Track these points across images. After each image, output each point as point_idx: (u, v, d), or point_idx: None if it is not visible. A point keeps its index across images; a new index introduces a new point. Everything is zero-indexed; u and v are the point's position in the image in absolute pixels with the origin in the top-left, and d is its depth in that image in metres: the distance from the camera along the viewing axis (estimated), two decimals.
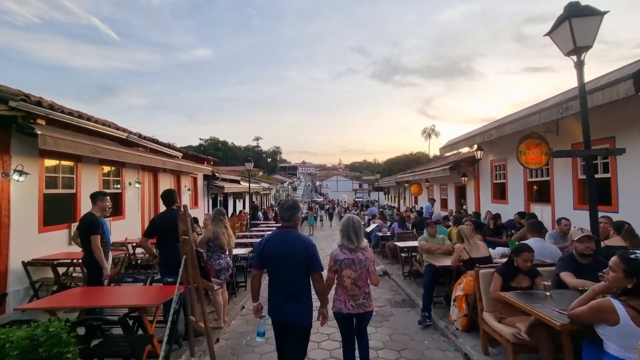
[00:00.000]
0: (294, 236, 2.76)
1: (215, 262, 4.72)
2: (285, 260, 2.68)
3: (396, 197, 28.75)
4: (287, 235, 2.77)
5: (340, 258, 2.97)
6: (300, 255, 2.68)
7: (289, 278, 2.69)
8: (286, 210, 2.82)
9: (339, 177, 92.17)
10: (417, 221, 8.98)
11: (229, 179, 17.67)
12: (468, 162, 11.81)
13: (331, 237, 17.22)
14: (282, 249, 2.70)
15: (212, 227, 4.78)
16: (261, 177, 41.75)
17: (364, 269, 2.96)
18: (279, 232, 2.83)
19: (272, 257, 2.73)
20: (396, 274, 7.90)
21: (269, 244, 2.78)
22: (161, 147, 9.84)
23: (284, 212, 2.83)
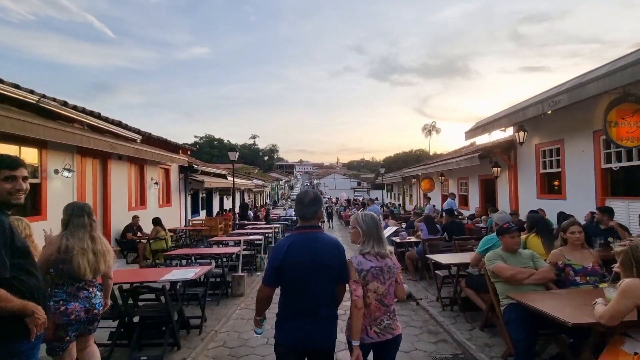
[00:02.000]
0: (325, 240, 2.12)
1: (61, 306, 2.40)
2: (316, 272, 2.03)
3: (400, 194, 26.44)
4: (315, 239, 2.09)
5: (366, 267, 2.15)
6: (334, 264, 2.09)
7: (319, 293, 2.06)
8: (308, 205, 2.12)
9: (336, 175, 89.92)
10: (450, 223, 6.63)
11: (212, 173, 15.27)
12: (503, 148, 9.50)
13: None
14: (312, 258, 2.02)
15: (59, 239, 2.44)
16: (256, 174, 39.58)
17: (392, 278, 2.22)
18: (303, 235, 2.10)
19: (297, 269, 2.02)
20: (425, 296, 5.58)
21: (292, 252, 2.03)
22: (108, 124, 7.42)
23: (305, 208, 2.12)
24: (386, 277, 2.18)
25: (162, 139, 10.25)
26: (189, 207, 13.63)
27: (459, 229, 6.52)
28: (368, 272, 2.14)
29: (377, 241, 2.20)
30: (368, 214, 2.32)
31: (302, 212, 2.13)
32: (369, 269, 2.15)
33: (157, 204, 10.80)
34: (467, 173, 12.70)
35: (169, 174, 11.84)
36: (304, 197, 2.16)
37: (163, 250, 8.43)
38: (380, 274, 2.16)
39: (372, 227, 2.22)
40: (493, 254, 3.37)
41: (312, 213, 2.13)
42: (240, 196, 25.91)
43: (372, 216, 2.29)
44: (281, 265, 2.02)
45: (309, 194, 2.19)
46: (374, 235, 2.21)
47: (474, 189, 12.24)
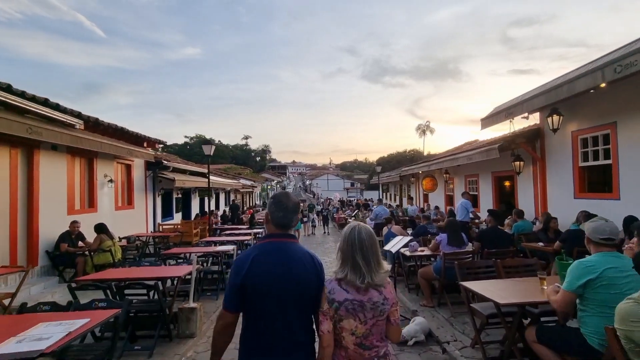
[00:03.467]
0: (300, 252, 1.68)
1: None
2: (289, 294, 1.58)
3: (397, 194, 24.88)
4: (289, 251, 1.66)
5: (339, 299, 1.61)
6: (312, 284, 1.64)
7: (293, 321, 1.60)
8: (293, 211, 1.71)
9: (329, 176, 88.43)
10: (491, 231, 4.96)
11: (188, 171, 13.46)
12: (527, 138, 7.92)
13: (322, 248, 13.16)
14: (284, 273, 1.58)
15: None
16: (247, 175, 37.72)
17: (379, 318, 1.63)
18: (274, 245, 1.67)
19: (264, 288, 1.57)
20: (452, 335, 3.92)
21: (259, 266, 1.59)
22: (27, 102, 5.60)
23: (290, 214, 1.69)
24: (368, 316, 1.60)
25: (117, 127, 8.45)
26: (158, 210, 11.82)
27: (501, 240, 4.87)
28: (341, 306, 1.59)
29: (352, 266, 1.62)
30: (354, 228, 1.71)
31: (286, 220, 1.67)
32: (342, 302, 1.59)
33: (114, 206, 8.99)
34: (477, 170, 11.14)
35: (131, 170, 10.03)
36: (287, 202, 1.69)
37: (109, 264, 6.68)
38: (359, 310, 1.59)
39: (349, 245, 1.66)
40: (634, 306, 1.71)
41: (291, 220, 1.70)
42: (225, 197, 24.10)
43: (353, 230, 1.69)
44: (244, 283, 1.56)
45: (292, 197, 1.74)
46: (350, 257, 1.64)
47: (486, 188, 10.67)
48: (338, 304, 1.59)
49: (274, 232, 1.70)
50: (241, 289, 1.57)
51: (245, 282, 1.56)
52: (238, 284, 1.57)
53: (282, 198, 1.72)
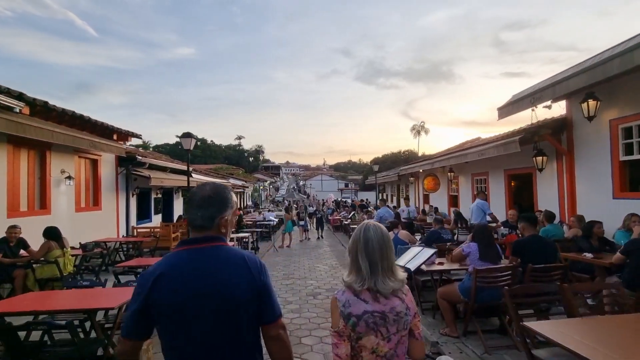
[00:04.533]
0: (226, 256, 1.31)
1: None
2: (206, 310, 1.22)
3: (394, 195, 23.85)
4: (210, 256, 1.29)
5: (357, 312, 1.41)
6: (242, 293, 1.25)
7: (224, 345, 1.25)
8: (199, 205, 1.35)
9: (323, 177, 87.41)
10: (529, 242, 3.85)
11: (168, 168, 12.22)
12: (553, 129, 6.89)
13: (315, 253, 12.01)
14: (203, 287, 1.23)
15: None
16: (240, 175, 36.42)
17: (402, 332, 1.45)
18: (189, 253, 1.30)
19: (178, 310, 1.22)
20: None
21: (167, 284, 1.23)
22: None
23: (194, 210, 1.35)
24: (392, 330, 1.42)
25: (76, 114, 7.20)
26: (133, 211, 10.57)
27: (546, 253, 3.77)
28: (360, 320, 1.40)
29: (371, 270, 1.44)
30: (367, 227, 1.52)
31: (191, 216, 1.34)
32: (361, 315, 1.40)
33: (73, 207, 7.75)
34: (486, 167, 10.11)
35: (98, 166, 8.79)
36: (195, 194, 1.38)
37: (56, 279, 5.48)
38: (382, 324, 1.40)
39: (364, 246, 1.47)
40: None
41: (206, 218, 1.32)
42: None
43: (366, 229, 1.51)
44: (147, 305, 1.22)
45: (205, 188, 1.39)
46: (367, 259, 1.45)
47: (498, 188, 9.63)
48: (356, 318, 1.40)
49: (192, 234, 1.35)
50: (144, 313, 1.22)
51: (148, 303, 1.22)
52: (138, 308, 1.23)
53: (193, 191, 1.40)
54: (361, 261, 1.46)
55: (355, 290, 1.45)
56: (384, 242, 1.49)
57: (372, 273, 1.44)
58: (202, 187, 1.40)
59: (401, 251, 5.37)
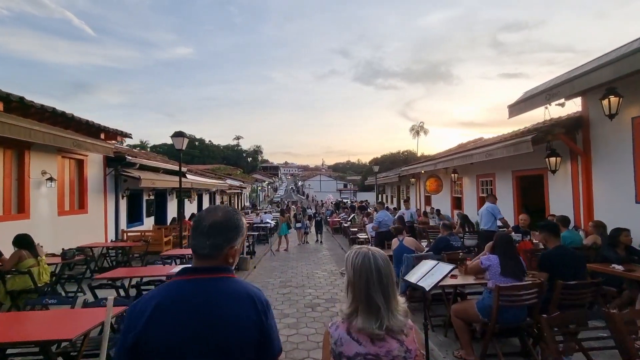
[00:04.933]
0: (231, 294, 1.16)
1: None
2: (207, 351, 1.08)
3: (394, 196, 23.42)
4: (212, 293, 1.14)
5: (349, 353, 1.31)
6: (244, 336, 1.12)
7: None
8: (208, 233, 1.19)
9: (322, 177, 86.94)
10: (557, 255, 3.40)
11: (161, 169, 11.73)
12: (567, 128, 6.46)
13: (315, 256, 11.54)
14: (199, 327, 1.09)
15: None
16: (237, 175, 35.92)
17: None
18: (188, 285, 1.16)
19: (171, 349, 1.07)
20: None
21: (162, 320, 1.09)
22: None
23: (200, 237, 1.19)
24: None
25: (57, 111, 6.70)
26: (123, 214, 10.08)
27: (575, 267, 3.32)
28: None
29: (366, 304, 1.31)
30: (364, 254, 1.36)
31: (197, 244, 1.18)
32: (352, 357, 1.27)
33: (56, 211, 7.26)
34: (493, 168, 9.69)
35: (84, 167, 8.30)
36: (202, 219, 1.21)
37: (31, 290, 5.01)
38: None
39: (359, 277, 1.33)
40: None
41: (214, 247, 1.17)
42: (210, 199, 22.33)
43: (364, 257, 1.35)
44: (137, 343, 1.07)
45: (216, 213, 1.23)
46: (363, 292, 1.31)
47: (505, 190, 9.19)
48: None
49: (194, 263, 1.19)
50: (134, 352, 1.06)
51: (139, 342, 1.06)
52: (128, 347, 1.07)
53: (201, 215, 1.24)
54: (376, 297, 1.31)
55: (350, 326, 1.33)
56: (390, 270, 1.37)
57: (387, 309, 1.31)
58: (211, 211, 1.25)
59: (408, 261, 4.92)
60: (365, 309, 1.31)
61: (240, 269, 8.92)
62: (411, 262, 5.02)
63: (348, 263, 1.39)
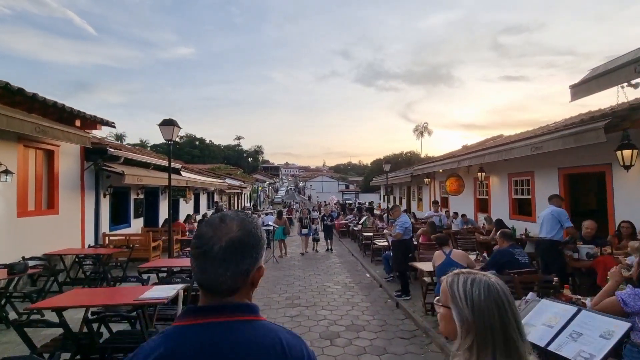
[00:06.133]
0: (256, 342, 0.80)
1: None
2: None
3: (403, 197, 22.11)
4: (231, 341, 0.79)
5: None
6: None
7: None
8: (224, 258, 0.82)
9: (324, 178, 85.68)
10: None
11: (152, 164, 10.44)
12: None
13: (323, 264, 10.23)
14: None
15: None
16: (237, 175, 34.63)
17: None
18: (202, 331, 0.80)
19: None
20: None
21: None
22: None
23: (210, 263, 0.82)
24: None
25: (12, 87, 5.35)
26: (105, 215, 8.78)
27: None
28: None
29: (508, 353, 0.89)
30: (495, 285, 0.95)
31: (209, 277, 0.83)
32: None
33: (14, 211, 5.96)
34: (531, 165, 8.38)
35: (54, 159, 7.00)
36: (209, 239, 0.83)
37: None
38: None
39: (495, 313, 0.92)
40: None
41: (236, 276, 0.83)
42: (208, 199, 21.04)
43: (501, 288, 0.96)
44: None
45: (229, 226, 0.85)
46: (501, 338, 0.90)
47: (548, 191, 7.84)
48: None
49: (202, 301, 0.85)
50: None
51: None
52: None
53: (204, 233, 0.84)
54: (518, 341, 0.90)
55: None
56: (509, 306, 0.93)
57: None
58: (219, 225, 0.85)
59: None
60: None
61: None
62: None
63: (460, 297, 0.94)
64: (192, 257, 0.84)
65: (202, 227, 0.86)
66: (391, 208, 7.08)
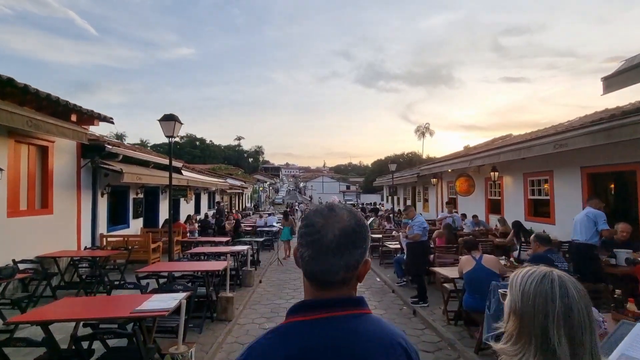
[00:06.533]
0: (374, 337, 0.78)
1: None
2: None
3: (408, 198, 21.71)
4: (350, 337, 0.75)
5: None
6: None
7: None
8: (338, 248, 0.78)
9: (324, 178, 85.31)
10: None
11: (151, 163, 10.04)
12: None
13: None
14: None
15: None
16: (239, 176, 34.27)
17: None
18: (320, 326, 0.76)
19: None
20: None
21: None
22: None
23: (330, 254, 0.77)
24: None
25: (2, 77, 4.99)
26: (102, 215, 8.38)
27: None
28: None
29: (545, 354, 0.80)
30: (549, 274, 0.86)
31: (322, 268, 0.79)
32: None
33: (5, 211, 5.57)
34: (550, 164, 8.00)
35: (48, 156, 6.62)
36: (323, 227, 0.80)
37: None
38: None
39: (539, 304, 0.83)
40: None
41: (349, 268, 0.80)
42: (209, 199, 20.65)
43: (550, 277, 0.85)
44: None
45: (337, 212, 0.82)
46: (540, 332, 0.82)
47: (570, 192, 7.48)
48: None
49: (311, 295, 0.82)
50: None
51: None
52: None
53: (314, 221, 0.81)
54: (558, 344, 0.78)
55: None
56: (588, 316, 0.81)
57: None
58: (329, 214, 0.82)
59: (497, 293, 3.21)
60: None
61: (243, 284, 7.24)
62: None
63: (515, 283, 0.90)
64: (302, 246, 0.80)
65: (311, 215, 0.82)
66: (405, 209, 6.67)
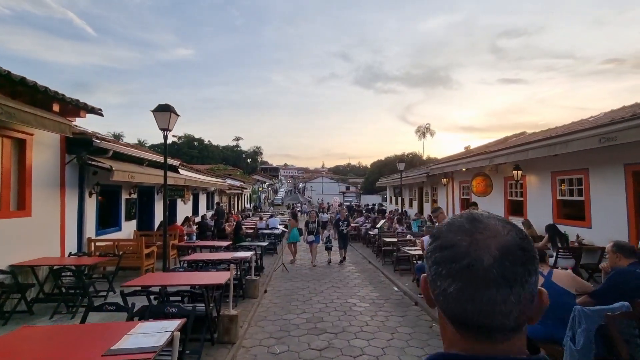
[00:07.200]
0: None
1: None
2: None
3: (414, 199, 20.93)
4: None
5: None
6: None
7: None
8: (505, 277, 0.51)
9: (324, 179, 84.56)
10: None
11: (146, 160, 9.23)
12: None
13: (339, 274, 9.04)
14: None
15: None
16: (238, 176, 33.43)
17: None
18: None
19: None
20: None
21: None
22: None
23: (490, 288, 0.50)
24: None
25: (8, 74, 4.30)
26: (91, 217, 7.57)
27: None
28: None
29: None
30: None
31: (479, 308, 0.51)
32: None
33: None
34: (584, 162, 7.24)
35: (26, 150, 5.81)
36: (469, 244, 0.54)
37: None
38: None
39: None
40: None
41: (514, 309, 0.51)
42: (208, 199, 19.83)
43: None
44: None
45: (489, 223, 0.56)
46: None
47: (611, 193, 6.72)
48: None
49: (461, 347, 0.56)
50: None
51: None
52: None
53: (453, 235, 0.57)
54: None
55: None
56: None
57: None
58: (477, 224, 0.57)
59: (588, 321, 2.45)
60: None
61: (247, 295, 6.45)
62: (594, 322, 2.56)
63: None
64: (440, 277, 0.55)
65: (445, 233, 0.58)
66: (433, 210, 5.92)
